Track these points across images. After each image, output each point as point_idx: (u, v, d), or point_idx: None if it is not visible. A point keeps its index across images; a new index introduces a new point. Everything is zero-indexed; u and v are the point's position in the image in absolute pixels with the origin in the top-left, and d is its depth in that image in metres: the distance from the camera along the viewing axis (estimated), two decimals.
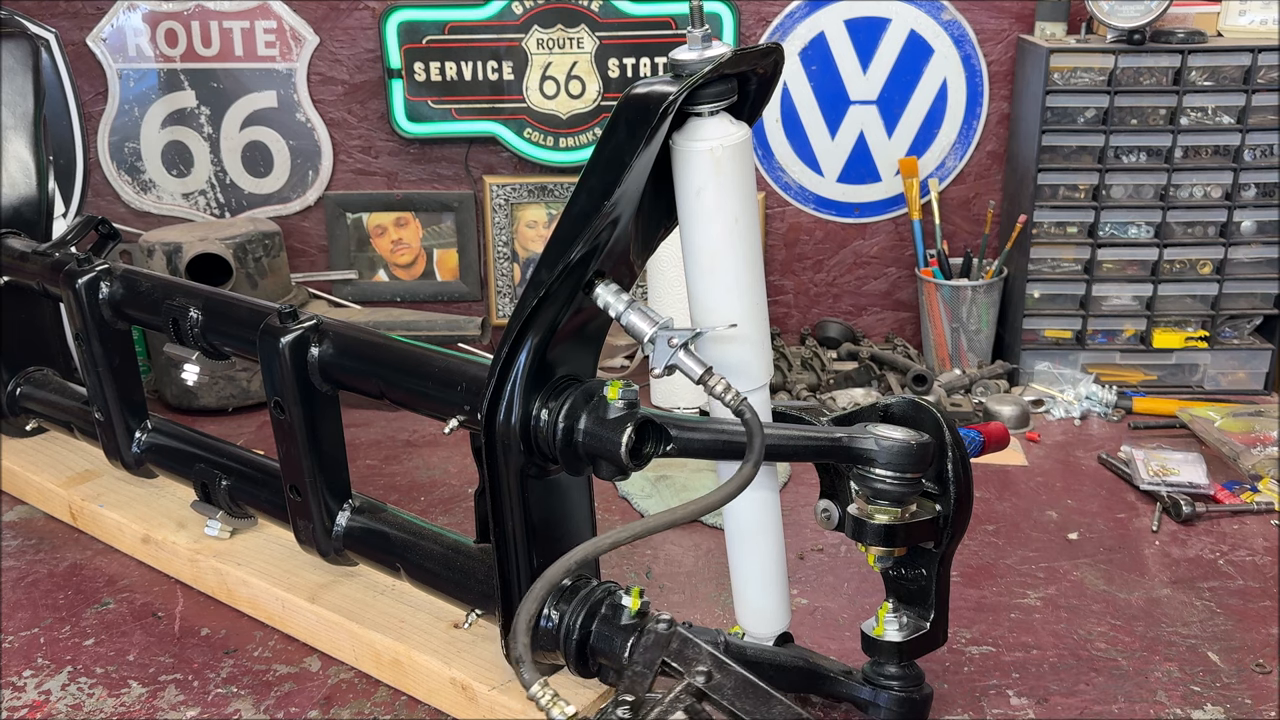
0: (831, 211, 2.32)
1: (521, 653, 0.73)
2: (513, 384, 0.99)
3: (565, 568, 0.79)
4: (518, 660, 0.73)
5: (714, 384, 0.95)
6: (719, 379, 0.95)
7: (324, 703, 1.20)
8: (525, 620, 0.74)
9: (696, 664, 0.80)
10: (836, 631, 1.31)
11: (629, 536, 0.86)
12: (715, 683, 0.80)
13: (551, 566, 0.79)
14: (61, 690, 1.22)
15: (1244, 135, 1.98)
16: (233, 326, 1.30)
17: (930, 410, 1.06)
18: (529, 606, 0.75)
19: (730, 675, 0.80)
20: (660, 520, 0.86)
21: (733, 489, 0.89)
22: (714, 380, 0.95)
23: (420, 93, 2.21)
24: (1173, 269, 2.08)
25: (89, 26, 2.23)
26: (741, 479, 0.90)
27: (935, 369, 2.18)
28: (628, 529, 0.84)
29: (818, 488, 1.14)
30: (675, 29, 2.17)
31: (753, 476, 0.91)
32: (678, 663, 0.80)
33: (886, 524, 1.04)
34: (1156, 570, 1.48)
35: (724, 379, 0.95)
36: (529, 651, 0.74)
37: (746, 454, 0.91)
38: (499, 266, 2.35)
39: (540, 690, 0.73)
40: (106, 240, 1.58)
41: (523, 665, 0.73)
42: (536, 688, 0.73)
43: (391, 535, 1.24)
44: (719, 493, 0.89)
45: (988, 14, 2.18)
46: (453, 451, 1.83)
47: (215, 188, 2.34)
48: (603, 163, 0.93)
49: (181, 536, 1.44)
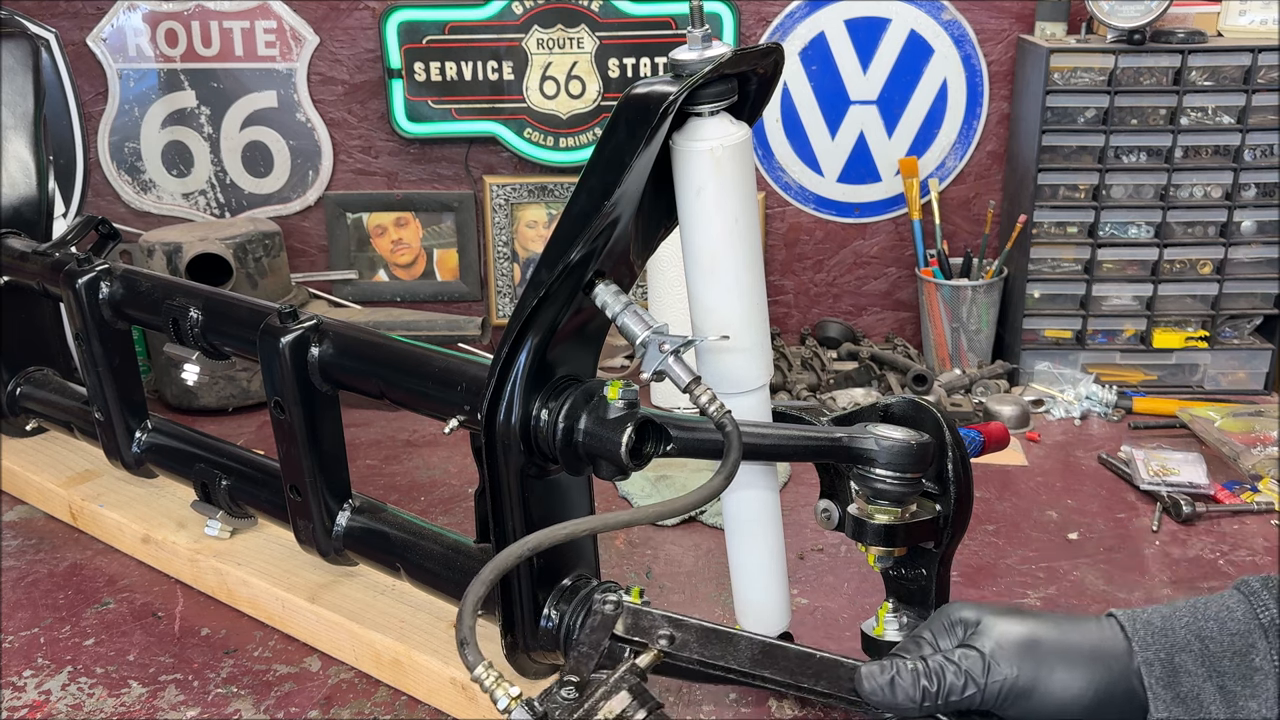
0: (831, 211, 2.32)
1: (466, 634, 0.74)
2: (513, 384, 0.99)
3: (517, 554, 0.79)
4: (462, 641, 0.73)
5: (699, 394, 0.94)
6: (705, 389, 0.94)
7: (324, 703, 1.20)
8: (472, 602, 0.75)
9: (656, 630, 0.81)
10: (836, 631, 1.31)
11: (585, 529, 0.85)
12: (680, 641, 0.80)
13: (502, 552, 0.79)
14: (61, 690, 1.22)
15: (1244, 135, 1.98)
16: (233, 326, 1.30)
17: (930, 410, 1.06)
18: (476, 589, 0.76)
19: (690, 630, 0.81)
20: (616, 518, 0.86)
21: (698, 499, 0.87)
22: (699, 390, 0.94)
23: (420, 93, 2.21)
24: (1173, 269, 2.08)
25: (89, 26, 2.23)
26: (709, 490, 0.88)
27: (935, 369, 2.18)
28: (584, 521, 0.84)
29: (818, 488, 1.14)
30: (675, 29, 2.17)
31: (721, 489, 0.89)
32: (637, 635, 0.80)
33: (886, 524, 1.04)
34: (1156, 570, 1.48)
35: (710, 389, 0.94)
36: (474, 633, 0.74)
37: (721, 465, 0.90)
38: (499, 266, 2.35)
39: (485, 672, 0.73)
40: (106, 240, 1.58)
41: (466, 646, 0.73)
42: (480, 669, 0.73)
43: (391, 535, 1.24)
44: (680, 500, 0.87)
45: (988, 14, 2.18)
46: (453, 451, 1.83)
47: (215, 188, 2.34)
48: (603, 163, 0.93)
49: (181, 536, 1.44)
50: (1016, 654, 0.72)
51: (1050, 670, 0.71)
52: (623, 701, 0.75)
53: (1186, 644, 0.70)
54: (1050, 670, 0.71)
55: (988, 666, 0.72)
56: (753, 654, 0.81)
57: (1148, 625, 0.72)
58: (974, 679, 0.72)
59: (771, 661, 0.81)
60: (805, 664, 0.80)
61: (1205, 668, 0.69)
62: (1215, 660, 0.69)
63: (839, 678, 0.80)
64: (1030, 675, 0.71)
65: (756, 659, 0.81)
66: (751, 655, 0.81)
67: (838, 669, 0.80)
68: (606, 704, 0.74)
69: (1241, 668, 0.69)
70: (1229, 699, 0.68)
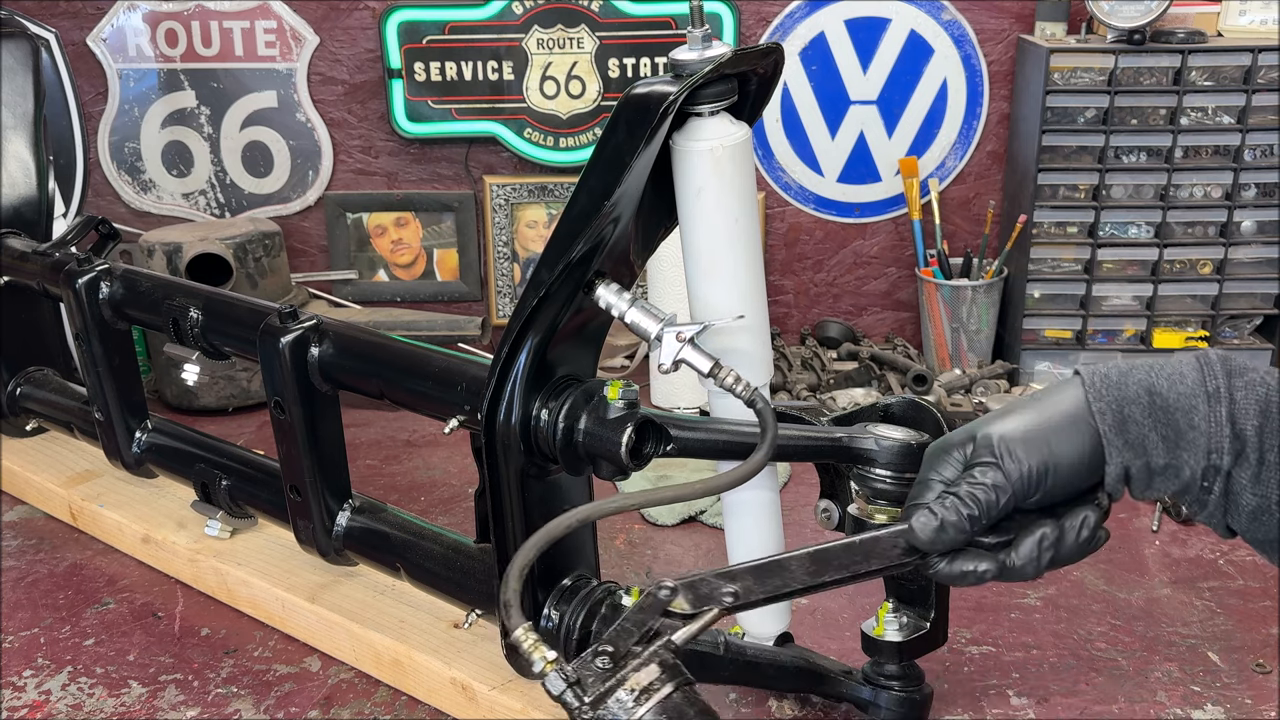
0: (831, 211, 2.32)
1: (510, 597, 0.76)
2: (513, 384, 0.99)
3: (566, 525, 0.80)
4: (506, 604, 0.75)
5: (724, 376, 0.95)
6: (729, 371, 0.95)
7: (324, 703, 1.20)
8: (519, 567, 0.77)
9: (719, 592, 0.82)
10: (836, 631, 1.31)
11: (633, 504, 0.88)
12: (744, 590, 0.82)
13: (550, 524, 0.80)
14: (61, 690, 1.22)
15: (1244, 135, 1.98)
16: (233, 326, 1.30)
17: (930, 410, 1.06)
18: (524, 555, 0.77)
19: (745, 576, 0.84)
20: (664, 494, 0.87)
21: (742, 474, 0.89)
22: (724, 373, 0.95)
23: (420, 93, 2.21)
24: (1173, 269, 2.08)
25: (89, 26, 2.23)
26: (753, 465, 0.90)
27: (935, 369, 2.18)
28: (629, 497, 0.86)
29: (818, 488, 1.14)
30: (675, 29, 2.17)
31: (763, 465, 0.91)
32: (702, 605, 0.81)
33: (886, 524, 1.04)
34: (1156, 570, 1.48)
35: (734, 370, 0.95)
36: (518, 596, 0.76)
37: (759, 444, 0.91)
38: (499, 266, 2.35)
39: (524, 635, 0.74)
40: (106, 240, 1.57)
41: (510, 608, 0.75)
42: (521, 631, 0.74)
43: (391, 535, 1.24)
44: (724, 477, 0.89)
45: (988, 14, 2.18)
46: (453, 451, 1.83)
47: (215, 188, 2.34)
48: (603, 163, 0.93)
49: (181, 536, 1.44)
50: (1021, 448, 0.77)
51: (1051, 449, 0.77)
52: (651, 674, 0.75)
53: (1135, 396, 0.77)
54: (1051, 449, 0.77)
55: (1006, 472, 0.77)
56: (806, 568, 0.83)
57: (1104, 378, 0.79)
58: (1001, 487, 0.77)
59: (826, 566, 0.83)
60: (853, 553, 0.83)
61: (1151, 419, 0.77)
62: (1160, 413, 0.77)
63: (889, 548, 0.83)
64: (1040, 460, 0.77)
65: (812, 570, 0.83)
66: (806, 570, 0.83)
67: (882, 543, 0.83)
68: (635, 676, 0.75)
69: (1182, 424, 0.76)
70: (1169, 447, 0.76)
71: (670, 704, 0.74)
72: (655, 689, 0.75)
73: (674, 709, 0.74)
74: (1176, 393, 0.77)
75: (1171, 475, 0.77)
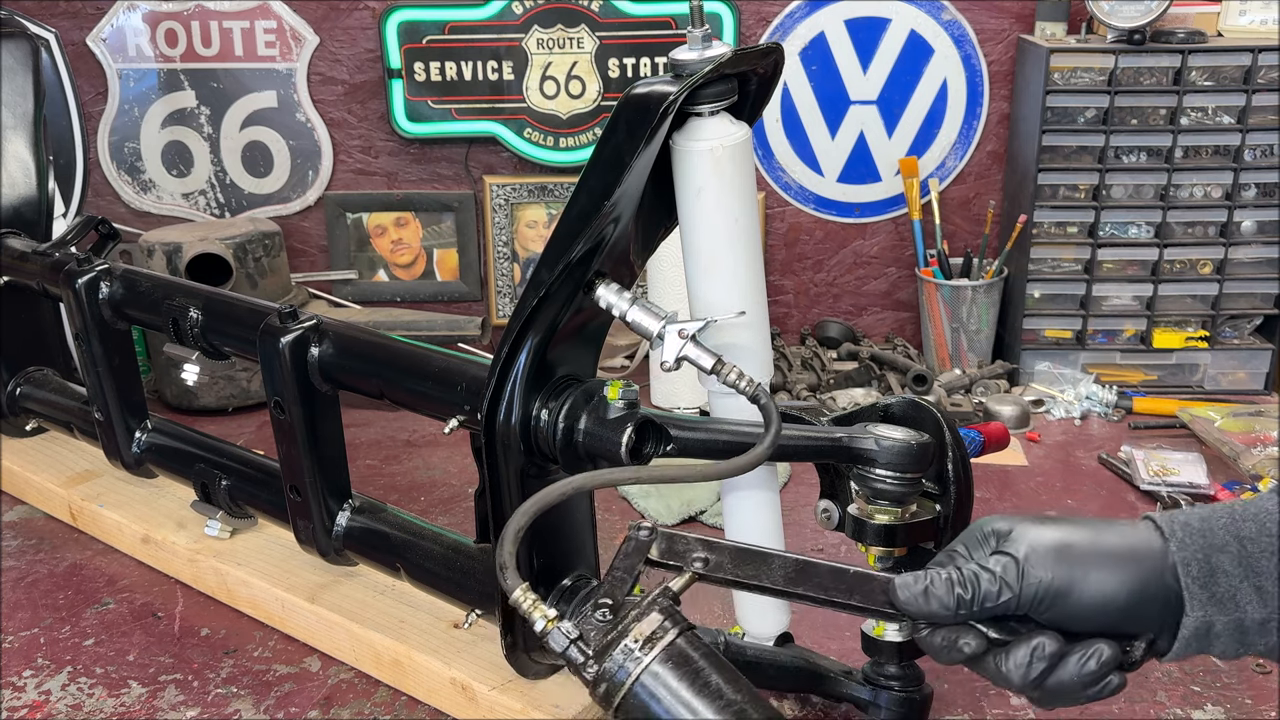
0: (831, 211, 2.32)
1: (505, 559, 0.75)
2: (513, 384, 0.99)
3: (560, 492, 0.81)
4: (501, 566, 0.75)
5: (726, 373, 0.95)
6: (731, 367, 0.95)
7: (324, 703, 1.20)
8: (514, 531, 0.77)
9: (691, 554, 0.82)
10: (836, 631, 1.31)
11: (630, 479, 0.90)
12: (714, 563, 0.81)
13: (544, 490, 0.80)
14: (61, 690, 1.22)
15: (1244, 135, 1.98)
16: (233, 326, 1.30)
17: (930, 410, 1.06)
18: (518, 519, 0.78)
19: (724, 551, 0.82)
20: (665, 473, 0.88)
21: (744, 463, 0.89)
22: (726, 369, 0.95)
23: (420, 93, 2.21)
24: (1173, 269, 2.08)
25: (89, 26, 2.23)
26: (756, 454, 0.90)
27: (935, 369, 2.18)
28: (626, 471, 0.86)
29: (818, 488, 1.14)
30: (675, 29, 2.17)
31: (767, 455, 0.91)
32: (671, 559, 0.81)
33: (887, 524, 1.04)
34: None
35: (736, 366, 0.95)
36: (513, 559, 0.75)
37: (762, 435, 0.91)
38: (499, 266, 2.35)
39: (523, 595, 0.74)
40: (106, 240, 1.58)
41: (506, 570, 0.75)
42: (519, 593, 0.74)
43: (391, 535, 1.24)
44: (726, 464, 0.90)
45: (988, 14, 2.18)
46: (453, 451, 1.83)
47: (215, 188, 2.34)
48: (603, 163, 0.93)
49: (181, 536, 1.44)
50: (1051, 558, 0.72)
51: (1085, 572, 0.71)
52: (654, 622, 0.76)
53: (1224, 544, 0.70)
54: (1085, 572, 0.71)
55: (1022, 571, 0.72)
56: (786, 572, 0.82)
57: (1185, 526, 0.71)
58: (1008, 584, 0.72)
59: (805, 579, 0.82)
60: (839, 579, 0.81)
61: (1242, 568, 0.69)
62: (1253, 561, 0.69)
63: (872, 591, 0.80)
64: (1065, 577, 0.71)
65: (790, 577, 0.82)
66: (785, 573, 0.82)
67: (871, 583, 0.80)
68: (638, 625, 0.75)
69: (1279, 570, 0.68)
70: (1265, 599, 0.68)
71: (675, 649, 0.75)
72: (659, 636, 0.75)
73: (679, 654, 0.75)
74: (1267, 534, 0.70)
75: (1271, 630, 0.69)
